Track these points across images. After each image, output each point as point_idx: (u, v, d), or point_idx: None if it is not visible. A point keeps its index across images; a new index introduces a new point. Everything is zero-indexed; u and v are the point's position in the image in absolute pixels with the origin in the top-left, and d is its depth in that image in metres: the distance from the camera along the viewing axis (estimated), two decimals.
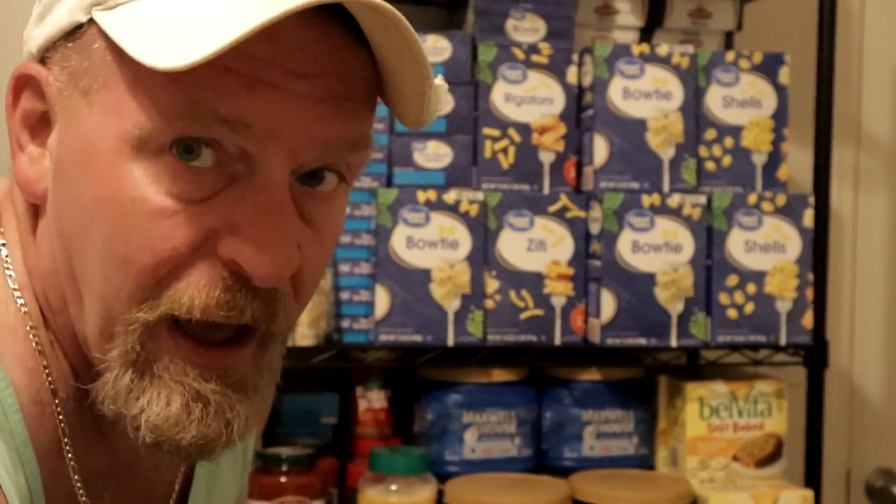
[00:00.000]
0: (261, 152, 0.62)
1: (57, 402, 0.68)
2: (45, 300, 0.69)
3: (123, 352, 0.63)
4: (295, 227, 0.64)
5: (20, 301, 0.68)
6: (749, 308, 1.59)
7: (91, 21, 0.64)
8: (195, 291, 0.62)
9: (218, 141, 0.62)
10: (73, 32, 0.66)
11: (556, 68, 1.62)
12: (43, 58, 0.68)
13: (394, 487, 1.48)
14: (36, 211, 0.69)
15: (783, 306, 1.61)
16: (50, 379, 0.68)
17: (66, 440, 0.69)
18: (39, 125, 0.68)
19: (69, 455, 0.69)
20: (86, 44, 0.65)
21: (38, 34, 0.68)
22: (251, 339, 0.65)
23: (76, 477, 0.70)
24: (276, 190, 0.62)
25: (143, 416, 0.63)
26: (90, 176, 0.63)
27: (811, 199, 1.62)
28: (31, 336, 0.68)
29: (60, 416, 0.68)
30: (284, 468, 1.47)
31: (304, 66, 0.62)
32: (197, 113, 0.60)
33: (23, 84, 0.68)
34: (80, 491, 0.70)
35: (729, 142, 1.63)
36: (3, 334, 0.67)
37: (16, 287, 0.68)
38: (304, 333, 1.48)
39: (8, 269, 0.69)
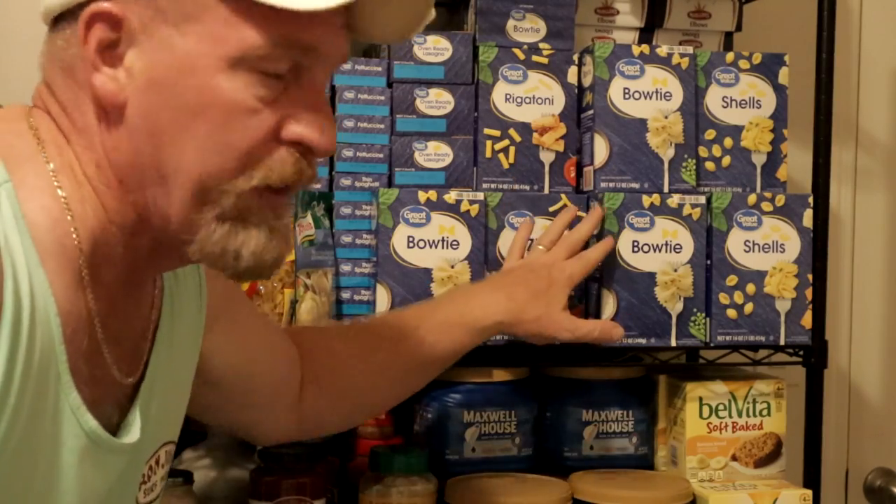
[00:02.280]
0: (308, 62, 0.88)
1: (80, 252, 0.87)
2: (103, 182, 0.89)
3: (221, 212, 0.87)
4: None
5: (56, 183, 0.87)
6: (748, 308, 1.60)
7: None
8: (280, 167, 0.88)
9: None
10: None
11: (556, 68, 1.63)
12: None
13: (394, 487, 1.49)
14: (80, 115, 0.89)
15: (782, 306, 1.61)
16: (76, 233, 0.87)
17: (87, 280, 0.88)
18: (108, 50, 0.87)
19: (89, 291, 0.88)
20: None
21: None
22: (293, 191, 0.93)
23: (93, 311, 0.89)
24: (322, 90, 0.90)
25: (244, 247, 0.88)
26: (191, 87, 0.85)
27: (810, 200, 1.63)
28: (62, 200, 0.87)
29: (83, 262, 0.87)
30: (285, 468, 1.47)
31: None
32: (288, 42, 0.86)
33: (96, 19, 0.86)
34: (98, 327, 0.90)
35: (728, 142, 1.64)
36: (29, 191, 0.85)
37: (52, 173, 0.88)
38: None
39: (45, 158, 0.88)
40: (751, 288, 1.60)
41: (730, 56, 1.65)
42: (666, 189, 1.61)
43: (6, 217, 0.83)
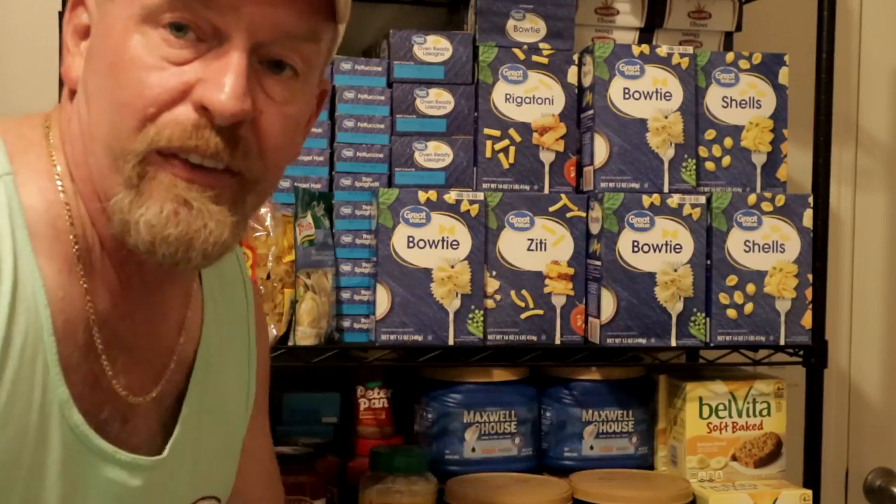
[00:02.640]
0: (226, 26, 0.82)
1: (74, 236, 0.86)
2: (73, 159, 0.88)
3: (125, 178, 0.82)
4: (252, 85, 0.83)
5: (54, 160, 0.88)
6: (748, 308, 1.60)
7: None
8: (172, 126, 0.81)
9: (195, 21, 0.81)
10: None
11: (556, 68, 1.63)
12: None
13: (394, 486, 1.49)
14: (65, 96, 0.90)
15: (782, 306, 1.61)
16: (70, 216, 0.86)
17: (80, 266, 0.86)
18: (84, 34, 0.88)
19: (83, 280, 0.86)
20: None
21: None
22: (229, 176, 0.84)
23: (89, 302, 0.86)
24: (236, 53, 0.82)
25: (142, 218, 0.82)
26: (107, 49, 0.84)
27: (810, 200, 1.63)
28: (56, 180, 0.87)
29: (77, 246, 0.86)
30: (285, 467, 1.47)
31: None
32: None
33: (76, 4, 0.89)
34: (92, 319, 0.87)
35: (728, 142, 1.64)
36: (29, 174, 0.86)
37: (52, 152, 0.88)
38: (306, 333, 1.49)
39: (49, 140, 0.90)
40: (751, 288, 1.60)
41: (730, 56, 1.65)
42: (666, 189, 1.61)
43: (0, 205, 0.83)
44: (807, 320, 1.61)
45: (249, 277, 1.10)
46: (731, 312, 1.59)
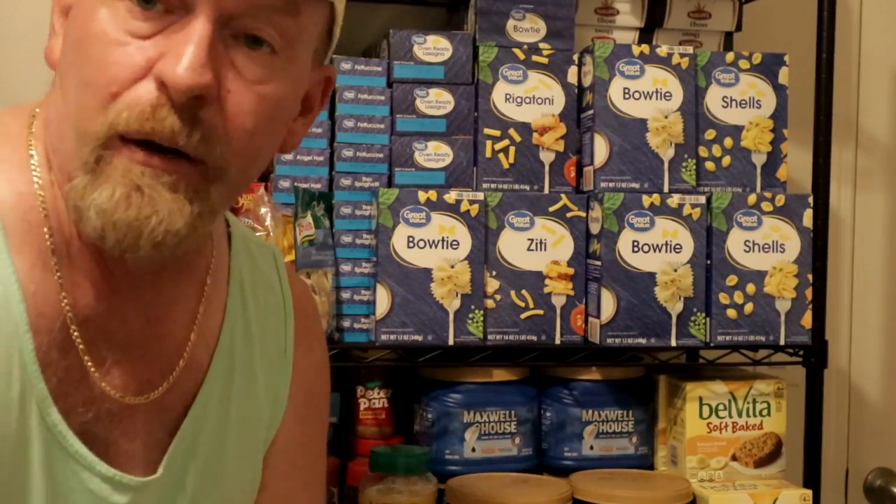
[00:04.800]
0: (195, 2, 0.77)
1: (48, 228, 0.82)
2: (51, 146, 0.84)
3: (83, 162, 0.78)
4: (219, 60, 0.78)
5: (31, 150, 0.85)
6: (748, 308, 1.60)
7: None
8: (131, 107, 0.76)
9: None
10: None
11: (556, 68, 1.63)
12: None
13: (394, 486, 1.49)
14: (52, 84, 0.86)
15: (782, 306, 1.61)
16: (44, 207, 0.83)
17: (55, 260, 0.82)
18: (67, 14, 0.84)
19: (58, 274, 0.82)
20: None
21: None
22: (189, 164, 0.79)
23: (65, 297, 0.82)
24: (198, 23, 0.77)
25: (94, 203, 0.77)
26: (76, 26, 0.80)
27: (810, 200, 1.63)
28: (32, 170, 0.84)
29: (51, 238, 0.83)
30: None
31: None
32: None
33: None
34: (70, 315, 0.83)
35: (728, 142, 1.64)
36: (2, 166, 0.84)
37: (31, 142, 0.85)
38: None
39: (33, 127, 0.86)
40: (751, 288, 1.60)
41: (730, 56, 1.65)
42: (666, 189, 1.61)
43: None
44: (807, 320, 1.62)
45: (288, 283, 1.03)
46: (731, 312, 1.59)
